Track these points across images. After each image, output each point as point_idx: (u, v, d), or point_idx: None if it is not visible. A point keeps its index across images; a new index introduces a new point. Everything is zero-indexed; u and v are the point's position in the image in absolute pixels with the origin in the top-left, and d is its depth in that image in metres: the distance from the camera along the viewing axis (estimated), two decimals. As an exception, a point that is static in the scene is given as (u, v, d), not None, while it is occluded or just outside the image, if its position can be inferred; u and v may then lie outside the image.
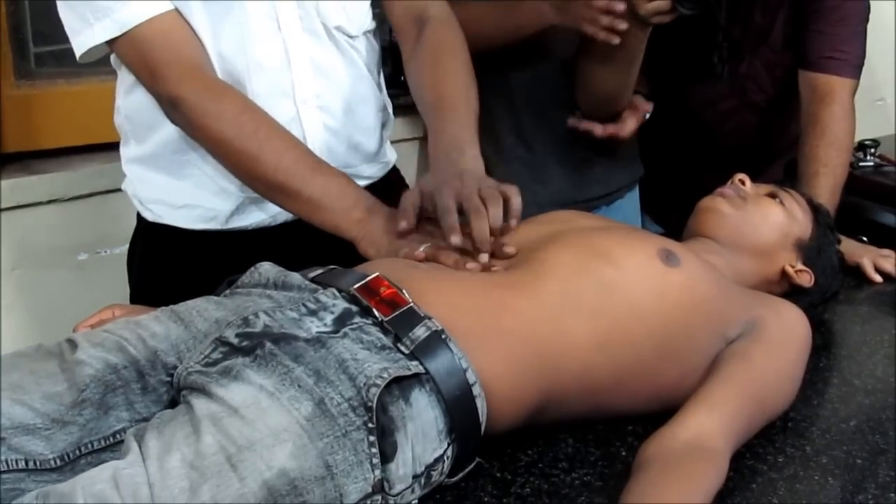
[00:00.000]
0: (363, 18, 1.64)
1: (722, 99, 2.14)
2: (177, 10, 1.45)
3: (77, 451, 1.07)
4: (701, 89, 2.13)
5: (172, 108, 1.47)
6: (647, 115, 2.06)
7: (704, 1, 1.72)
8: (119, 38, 1.44)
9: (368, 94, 1.67)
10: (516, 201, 1.35)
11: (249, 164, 1.45)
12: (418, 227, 1.40)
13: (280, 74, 1.54)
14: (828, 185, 1.89)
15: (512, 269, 1.29)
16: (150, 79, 1.47)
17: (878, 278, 1.87)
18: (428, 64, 1.61)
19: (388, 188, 1.67)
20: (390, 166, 1.78)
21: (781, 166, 2.20)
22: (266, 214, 1.59)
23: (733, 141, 2.17)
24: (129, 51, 1.47)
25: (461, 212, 1.33)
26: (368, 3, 1.64)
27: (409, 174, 2.33)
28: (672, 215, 1.83)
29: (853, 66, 1.97)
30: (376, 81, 1.71)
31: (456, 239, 1.30)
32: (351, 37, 1.61)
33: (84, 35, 1.45)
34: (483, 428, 1.15)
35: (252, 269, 1.31)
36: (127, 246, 1.76)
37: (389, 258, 1.35)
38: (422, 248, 1.34)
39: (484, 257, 1.30)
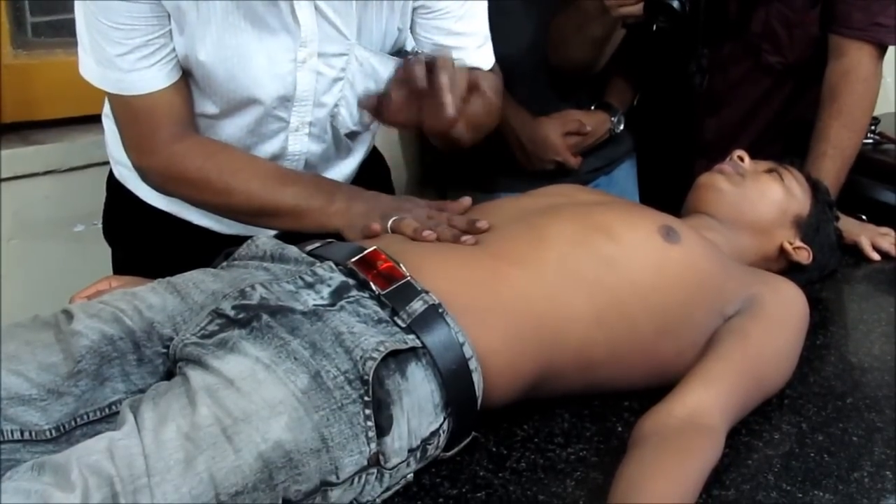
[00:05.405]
0: None
1: (734, 62, 2.04)
2: (181, 79, 1.46)
3: (73, 422, 1.07)
4: (710, 52, 2.04)
5: (142, 176, 1.53)
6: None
7: (679, 16, 1.71)
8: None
9: (358, 157, 1.70)
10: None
11: (226, 202, 1.49)
12: (394, 203, 1.41)
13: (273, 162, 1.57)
14: (833, 167, 1.87)
15: (511, 241, 1.28)
16: (125, 139, 1.51)
17: (876, 256, 1.86)
18: None
19: (369, 168, 1.68)
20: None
21: (780, 146, 2.09)
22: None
23: (740, 111, 2.09)
24: (117, 106, 1.49)
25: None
26: None
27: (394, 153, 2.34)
28: (666, 192, 1.82)
29: None
30: (370, 140, 1.73)
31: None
32: (356, 133, 1.63)
33: (87, 65, 1.44)
34: (479, 402, 1.15)
35: (249, 241, 1.31)
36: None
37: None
38: (389, 223, 1.35)
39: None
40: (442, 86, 1.21)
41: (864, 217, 1.97)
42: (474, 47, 1.61)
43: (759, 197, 1.55)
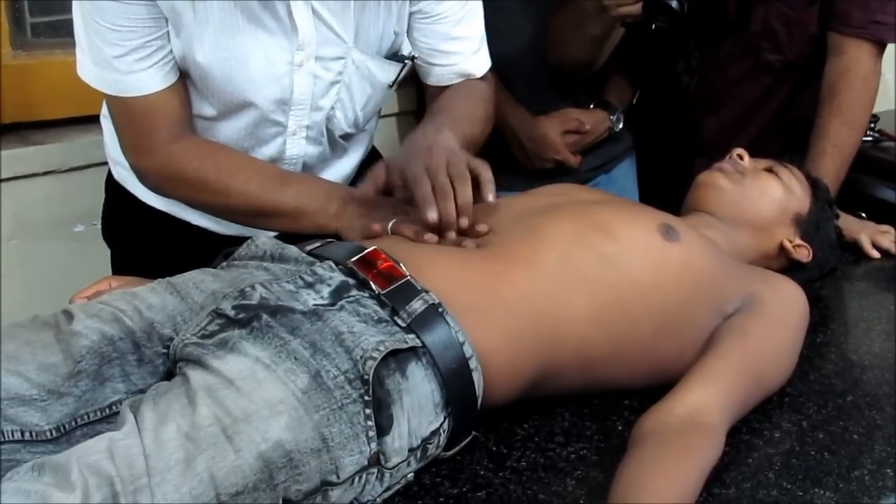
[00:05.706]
0: (372, 118, 1.67)
1: (733, 61, 2.04)
2: (178, 80, 1.46)
3: (73, 423, 1.07)
4: (709, 51, 2.05)
5: (139, 177, 1.53)
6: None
7: (678, 15, 1.72)
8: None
9: (355, 158, 1.70)
10: (486, 175, 1.33)
11: (224, 203, 1.49)
12: (393, 204, 1.41)
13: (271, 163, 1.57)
14: (833, 165, 1.87)
15: (510, 240, 1.28)
16: (122, 140, 1.51)
17: (876, 254, 1.86)
18: (446, 93, 1.63)
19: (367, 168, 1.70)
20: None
21: (780, 144, 2.08)
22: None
23: (739, 110, 2.08)
24: (115, 107, 1.49)
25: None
26: (382, 97, 1.64)
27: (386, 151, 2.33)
28: (666, 191, 1.82)
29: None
30: (368, 141, 1.74)
31: (432, 214, 1.28)
32: (351, 135, 1.64)
33: (85, 66, 1.44)
34: (479, 401, 1.15)
35: (249, 241, 1.31)
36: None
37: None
38: (390, 225, 1.35)
39: (451, 235, 1.29)
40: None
41: (863, 215, 1.96)
42: (470, 52, 1.62)
43: (759, 195, 1.55)
